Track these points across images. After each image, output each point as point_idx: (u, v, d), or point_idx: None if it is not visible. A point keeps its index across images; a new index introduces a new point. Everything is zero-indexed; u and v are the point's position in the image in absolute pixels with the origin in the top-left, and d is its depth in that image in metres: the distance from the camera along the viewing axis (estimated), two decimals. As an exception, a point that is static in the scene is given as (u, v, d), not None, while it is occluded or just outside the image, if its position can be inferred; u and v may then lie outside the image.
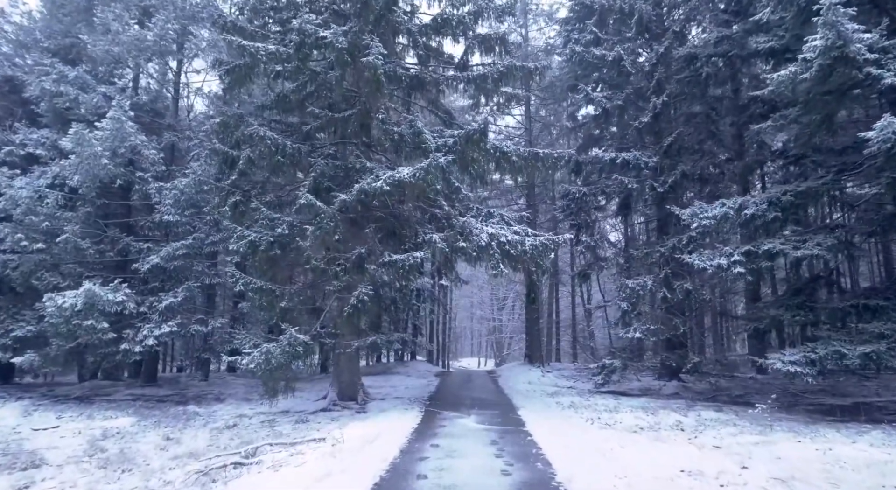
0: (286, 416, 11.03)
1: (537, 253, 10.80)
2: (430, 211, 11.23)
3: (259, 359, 9.72)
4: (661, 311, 13.44)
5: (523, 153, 12.22)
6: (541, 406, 11.34)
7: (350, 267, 10.32)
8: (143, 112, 16.76)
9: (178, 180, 13.46)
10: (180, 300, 13.24)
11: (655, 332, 13.03)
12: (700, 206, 11.31)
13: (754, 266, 10.63)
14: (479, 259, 10.65)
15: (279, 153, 10.92)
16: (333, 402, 11.73)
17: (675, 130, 14.01)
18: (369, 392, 12.82)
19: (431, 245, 10.20)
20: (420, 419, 9.43)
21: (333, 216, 9.97)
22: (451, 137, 10.80)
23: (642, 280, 13.37)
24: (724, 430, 8.71)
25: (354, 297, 9.88)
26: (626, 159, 14.08)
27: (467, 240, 10.27)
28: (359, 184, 9.94)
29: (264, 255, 10.97)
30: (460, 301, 45.51)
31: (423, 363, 27.31)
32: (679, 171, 13.60)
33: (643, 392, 14.46)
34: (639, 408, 11.05)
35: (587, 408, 11.03)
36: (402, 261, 9.99)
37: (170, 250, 13.43)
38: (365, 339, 10.43)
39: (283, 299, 10.94)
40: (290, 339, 9.79)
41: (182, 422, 10.95)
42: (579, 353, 30.32)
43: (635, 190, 14.06)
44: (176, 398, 14.24)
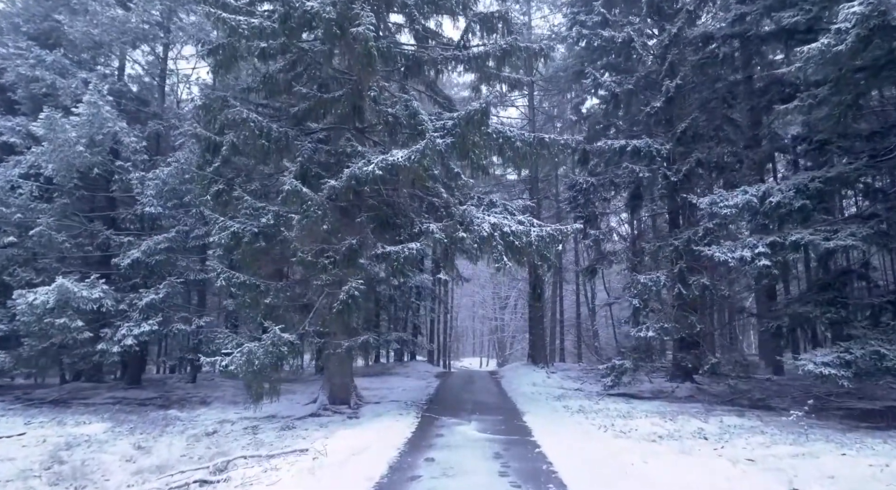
0: (272, 421, 10.19)
1: (543, 245, 9.95)
2: (427, 199, 10.39)
3: (240, 360, 8.88)
4: (674, 309, 12.56)
5: (528, 139, 11.36)
6: (548, 411, 10.48)
7: (340, 260, 9.47)
8: (127, 100, 15.99)
9: (160, 169, 12.63)
10: (162, 297, 12.41)
11: (669, 331, 12.15)
12: (720, 194, 10.45)
13: (780, 258, 9.76)
14: (481, 251, 9.79)
15: (264, 137, 10.08)
16: (324, 406, 10.89)
17: (689, 116, 13.12)
18: (363, 395, 11.97)
19: (428, 236, 9.35)
20: (416, 426, 8.58)
21: (321, 204, 9.13)
22: (450, 120, 9.94)
23: (655, 275, 12.50)
24: (753, 439, 7.84)
25: (344, 292, 9.03)
26: (637, 147, 13.19)
27: (468, 230, 9.41)
28: (349, 169, 9.09)
29: (248, 247, 10.13)
30: (462, 300, 44.64)
31: (423, 363, 26.45)
32: (694, 159, 12.73)
33: (655, 395, 13.60)
34: (654, 413, 10.19)
35: (598, 413, 10.16)
36: (397, 253, 9.14)
37: (151, 244, 12.60)
38: (357, 339, 9.58)
39: (269, 295, 10.11)
40: (275, 339, 8.95)
41: (159, 428, 10.12)
42: (584, 353, 29.46)
43: (647, 179, 13.17)
44: (159, 401, 13.42)
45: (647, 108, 13.60)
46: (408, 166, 8.84)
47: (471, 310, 47.58)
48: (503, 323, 41.78)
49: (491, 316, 42.95)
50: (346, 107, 10.20)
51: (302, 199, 9.05)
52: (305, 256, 9.38)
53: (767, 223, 10.49)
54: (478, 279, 41.03)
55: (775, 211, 10.08)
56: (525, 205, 11.49)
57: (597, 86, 14.71)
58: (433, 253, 10.20)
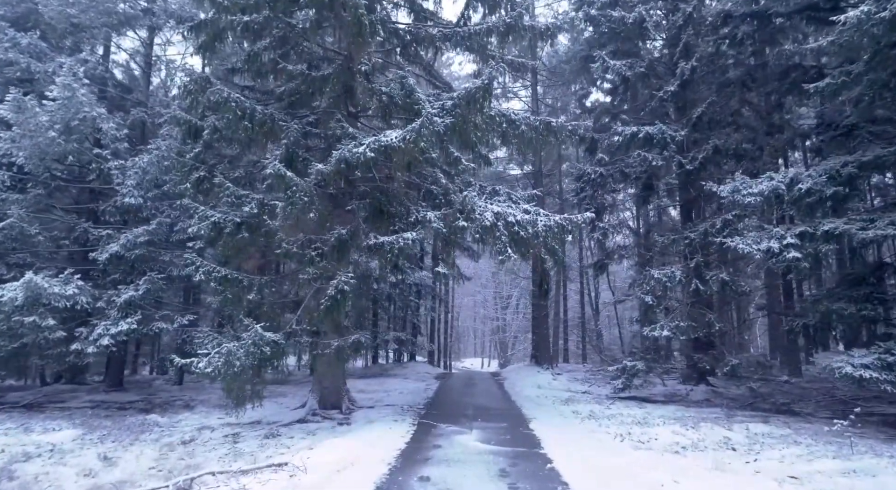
0: (256, 428, 9.37)
1: (552, 236, 9.11)
2: (424, 186, 9.56)
3: (218, 362, 8.05)
4: (689, 306, 11.72)
5: (534, 122, 10.53)
6: (556, 417, 9.64)
7: (329, 252, 8.64)
8: (111, 87, 15.19)
9: (139, 157, 11.81)
10: (142, 294, 11.58)
11: (685, 330, 11.30)
12: (743, 181, 9.60)
13: (810, 250, 8.92)
14: (483, 243, 8.98)
15: (247, 119, 9.25)
16: (313, 411, 10.06)
17: (705, 101, 12.28)
18: (356, 399, 11.14)
19: (426, 225, 8.52)
20: (411, 435, 7.75)
21: (308, 190, 8.30)
22: (450, 99, 9.11)
23: (669, 270, 11.65)
24: (788, 451, 7.01)
25: (333, 287, 8.20)
26: (649, 133, 12.36)
27: (469, 219, 8.58)
28: (338, 151, 8.26)
29: (230, 239, 9.31)
30: (463, 300, 43.85)
31: (423, 364, 25.58)
32: (711, 146, 11.88)
33: (669, 398, 12.76)
34: (672, 419, 9.35)
35: (611, 419, 9.33)
36: (391, 244, 8.31)
37: (130, 237, 11.78)
38: (347, 338, 8.75)
39: (252, 291, 9.28)
40: (256, 338, 8.12)
41: (134, 435, 9.30)
42: (589, 354, 28.60)
43: (661, 168, 12.32)
44: (141, 405, 12.61)
45: (661, 92, 12.75)
46: (402, 147, 8.01)
47: (472, 310, 46.79)
48: (505, 323, 40.99)
49: (492, 316, 42.16)
50: (336, 86, 9.36)
51: (286, 184, 8.23)
52: (291, 248, 8.56)
53: (794, 213, 9.65)
54: (479, 278, 40.26)
55: (803, 199, 9.25)
56: (531, 194, 10.64)
57: (605, 70, 13.85)
58: (432, 245, 9.31)
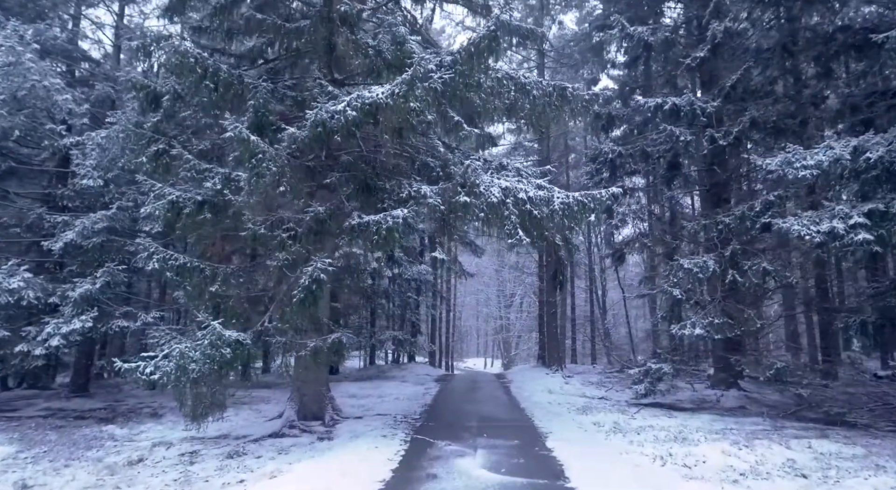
0: (220, 444, 7.93)
1: (570, 215, 7.65)
2: (419, 158, 8.11)
3: (167, 367, 6.62)
4: (723, 301, 10.23)
5: (546, 88, 9.08)
6: (575, 431, 8.17)
7: (304, 234, 7.20)
8: (81, 61, 13.81)
9: (96, 133, 10.39)
10: (99, 287, 10.17)
11: (721, 328, 9.82)
12: (795, 152, 8.12)
13: (882, 231, 7.43)
14: (489, 223, 7.51)
15: (209, 78, 7.82)
16: (290, 422, 8.62)
17: (741, 67, 10.80)
18: (343, 408, 9.69)
19: (419, 201, 7.07)
20: (401, 458, 6.28)
21: (277, 159, 6.86)
22: (449, 55, 7.66)
23: (701, 260, 10.16)
24: (877, 479, 5.54)
25: (307, 275, 6.75)
26: (676, 105, 10.88)
27: (472, 194, 7.12)
28: (314, 110, 6.81)
29: (191, 220, 7.85)
30: (466, 298, 42.51)
31: (423, 366, 24.14)
32: (748, 118, 10.38)
33: (698, 405, 11.29)
34: (714, 433, 7.87)
35: (641, 434, 7.85)
36: (377, 223, 6.85)
37: (87, 224, 10.37)
38: (326, 338, 7.30)
39: (216, 282, 7.84)
40: (214, 337, 6.68)
41: (79, 452, 7.91)
42: (598, 354, 27.14)
43: (689, 144, 10.82)
44: (102, 414, 11.19)
45: (688, 60, 11.27)
46: (391, 105, 6.56)
47: (475, 308, 45.44)
48: (509, 322, 39.63)
49: (496, 314, 40.77)
50: (314, 37, 7.91)
51: (251, 150, 6.78)
52: (258, 229, 7.11)
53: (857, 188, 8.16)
54: (482, 276, 38.92)
55: (869, 171, 7.76)
56: (544, 169, 9.17)
57: (623, 38, 12.38)
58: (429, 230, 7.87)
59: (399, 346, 18.69)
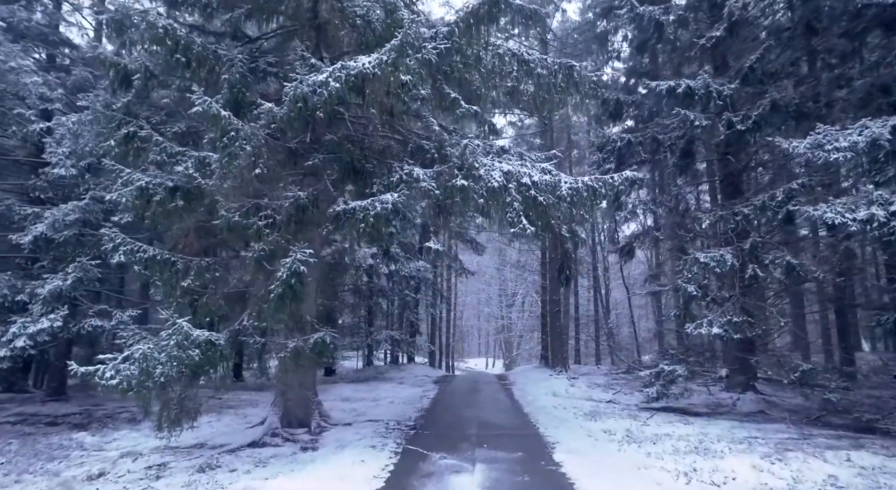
0: (193, 455, 7.20)
1: (579, 201, 6.92)
2: (412, 139, 7.37)
3: (128, 371, 5.90)
4: (742, 297, 9.48)
5: (552, 66, 8.36)
6: (584, 439, 7.42)
7: (284, 221, 6.47)
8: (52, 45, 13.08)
9: (67, 117, 9.67)
10: (71, 283, 9.46)
11: (741, 327, 9.07)
12: (827, 133, 7.38)
13: (926, 219, 6.69)
14: (489, 210, 6.78)
15: (180, 52, 7.09)
16: (273, 429, 7.89)
17: (760, 47, 10.05)
18: (330, 415, 8.95)
19: (411, 185, 6.34)
20: (389, 473, 5.54)
21: (252, 137, 6.13)
22: (445, 26, 6.92)
23: (718, 253, 9.42)
24: (938, 501, 4.80)
25: (285, 267, 6.02)
26: (690, 88, 10.13)
27: (470, 177, 6.39)
28: (294, 82, 6.08)
29: (161, 208, 7.12)
30: (467, 297, 41.81)
31: (422, 366, 23.40)
32: (768, 101, 9.64)
33: (713, 409, 10.55)
34: (737, 442, 7.13)
35: (657, 443, 7.11)
36: (364, 209, 6.12)
37: (59, 215, 9.65)
38: (308, 338, 6.57)
39: (189, 275, 7.11)
40: (180, 338, 5.96)
41: (38, 464, 7.22)
42: (602, 355, 26.39)
43: (705, 129, 10.05)
44: (76, 419, 10.47)
45: (702, 40, 10.53)
46: (379, 76, 5.82)
47: (476, 308, 44.71)
48: (510, 322, 38.92)
49: (497, 314, 40.03)
50: (296, 7, 7.17)
51: (222, 127, 6.06)
52: (231, 216, 6.38)
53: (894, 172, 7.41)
54: (483, 275, 38.20)
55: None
56: (550, 154, 8.43)
57: (633, 20, 11.64)
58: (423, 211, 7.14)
59: (396, 346, 17.93)
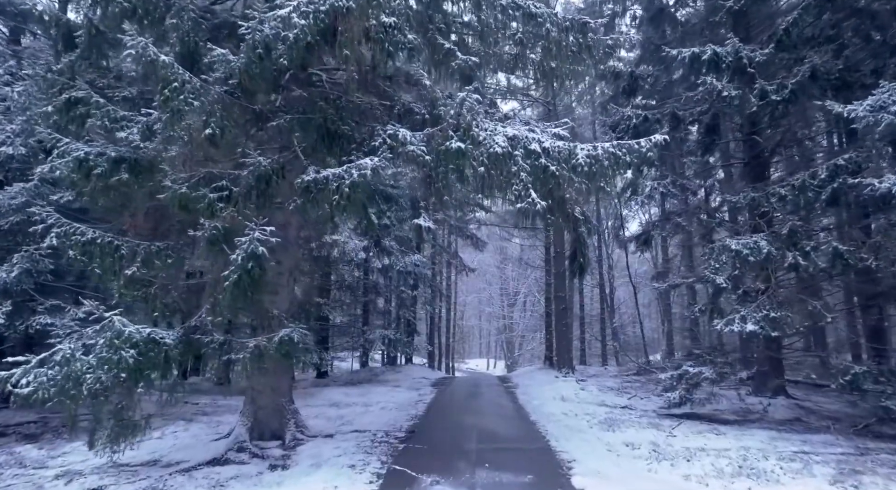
0: (140, 475, 6.07)
1: (599, 172, 5.78)
2: (399, 98, 6.23)
3: (45, 377, 4.76)
4: (779, 289, 8.33)
5: (563, 23, 7.23)
6: (605, 456, 6.28)
7: (242, 193, 5.33)
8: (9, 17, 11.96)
9: (12, 87, 8.55)
10: (16, 276, 8.34)
11: (779, 323, 7.91)
12: (893, 91, 6.24)
13: None
14: (490, 182, 5.64)
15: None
16: (240, 443, 6.76)
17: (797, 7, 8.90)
18: (309, 425, 7.79)
19: (397, 150, 5.21)
20: (367, 506, 4.42)
21: (201, 92, 5.01)
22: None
23: (751, 240, 8.28)
24: None
25: (241, 249, 4.89)
26: (717, 55, 8.99)
27: (467, 139, 5.25)
28: (253, 22, 4.95)
29: (103, 183, 5.99)
30: (468, 297, 40.70)
31: (420, 367, 22.27)
32: (808, 67, 8.49)
33: (743, 417, 9.41)
34: (790, 460, 5.98)
35: (692, 461, 5.97)
36: (339, 178, 4.99)
37: (3, 199, 8.54)
38: (273, 336, 5.44)
39: (135, 261, 5.98)
40: (112, 336, 4.83)
41: (-43, 486, 6.07)
42: (608, 356, 25.24)
43: (734, 100, 8.89)
44: (31, 428, 9.41)
45: (730, 1, 9.40)
46: (354, 11, 4.69)
47: (477, 307, 43.55)
48: (512, 321, 37.81)
49: (499, 314, 38.92)
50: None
51: (164, 77, 4.93)
52: (178, 187, 5.24)
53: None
54: (485, 274, 37.12)
55: None
56: (561, 122, 7.28)
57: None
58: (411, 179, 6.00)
59: (391, 346, 16.80)
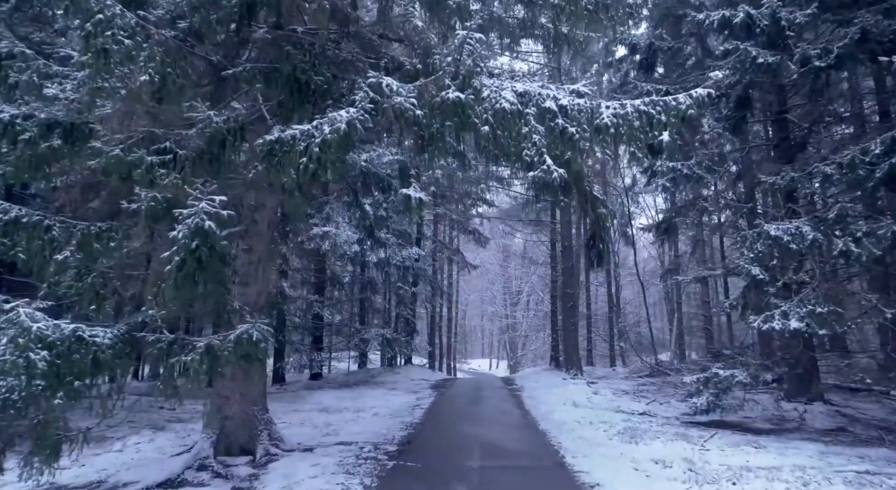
0: (76, 501, 5.09)
1: (630, 133, 4.76)
2: (384, 47, 5.21)
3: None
4: (827, 281, 7.29)
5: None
6: (632, 476, 5.25)
7: (192, 157, 4.32)
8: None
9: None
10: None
11: (827, 320, 6.87)
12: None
13: None
14: (497, 143, 4.62)
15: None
16: (201, 459, 5.77)
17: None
18: (285, 436, 6.77)
19: (379, 105, 4.19)
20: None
21: (135, 30, 4.01)
22: None
23: (792, 225, 7.24)
24: None
25: (185, 225, 3.88)
26: (751, 17, 7.97)
27: (468, 88, 4.23)
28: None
29: (31, 152, 4.99)
30: (470, 296, 39.80)
31: (420, 369, 21.22)
32: (858, 28, 7.45)
33: (778, 425, 8.40)
34: (859, 483, 4.95)
35: (739, 483, 4.94)
36: (308, 136, 3.98)
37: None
38: (228, 334, 4.43)
39: (69, 244, 4.98)
40: (16, 334, 3.83)
41: None
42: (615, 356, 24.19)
43: (771, 67, 7.84)
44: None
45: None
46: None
47: (479, 307, 42.62)
48: (515, 321, 36.87)
49: (501, 313, 37.96)
50: None
51: (87, 9, 3.92)
52: (110, 150, 4.23)
53: None
54: (487, 273, 36.19)
55: None
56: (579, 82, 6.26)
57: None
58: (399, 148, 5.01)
59: (388, 346, 15.79)
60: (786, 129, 9.89)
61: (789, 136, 9.89)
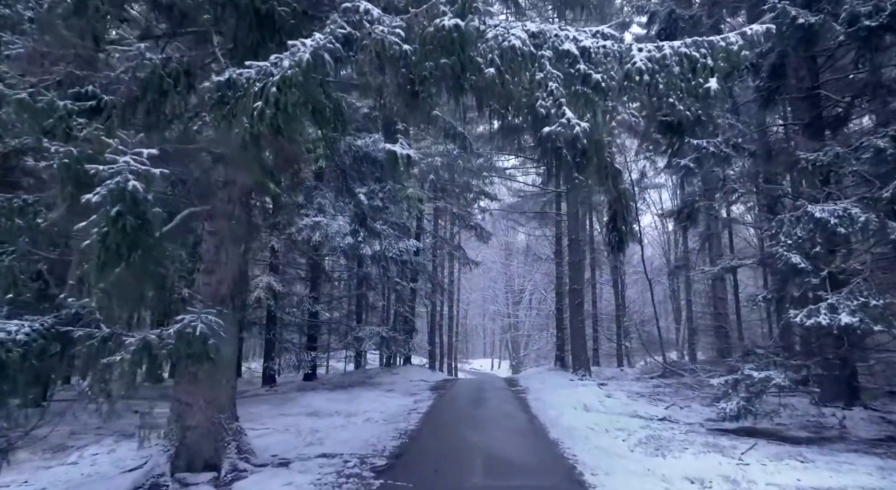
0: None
1: (669, 81, 3.86)
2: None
3: None
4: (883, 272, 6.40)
5: None
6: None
7: (118, 103, 3.43)
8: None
9: None
10: None
11: (881, 314, 5.96)
12: None
13: None
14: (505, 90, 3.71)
15: None
16: (154, 477, 4.89)
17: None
18: (257, 448, 5.87)
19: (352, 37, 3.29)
20: None
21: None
22: None
23: (839, 207, 6.34)
24: None
25: (104, 186, 2.98)
26: (788, -27, 7.06)
27: (468, 12, 3.32)
28: None
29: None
30: (471, 295, 39.00)
31: (419, 369, 20.34)
32: (912, -17, 6.54)
33: (817, 433, 7.49)
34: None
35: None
36: (264, 75, 3.09)
37: None
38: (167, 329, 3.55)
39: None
40: None
41: None
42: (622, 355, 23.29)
43: (812, 27, 6.93)
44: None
45: None
46: None
47: (481, 306, 41.79)
48: (518, 320, 36.01)
49: (503, 312, 37.10)
50: None
51: None
52: (16, 93, 3.34)
53: None
54: (489, 272, 35.39)
55: None
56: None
57: None
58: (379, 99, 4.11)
59: (384, 345, 14.90)
60: (818, 105, 8.98)
61: (822, 113, 8.99)
